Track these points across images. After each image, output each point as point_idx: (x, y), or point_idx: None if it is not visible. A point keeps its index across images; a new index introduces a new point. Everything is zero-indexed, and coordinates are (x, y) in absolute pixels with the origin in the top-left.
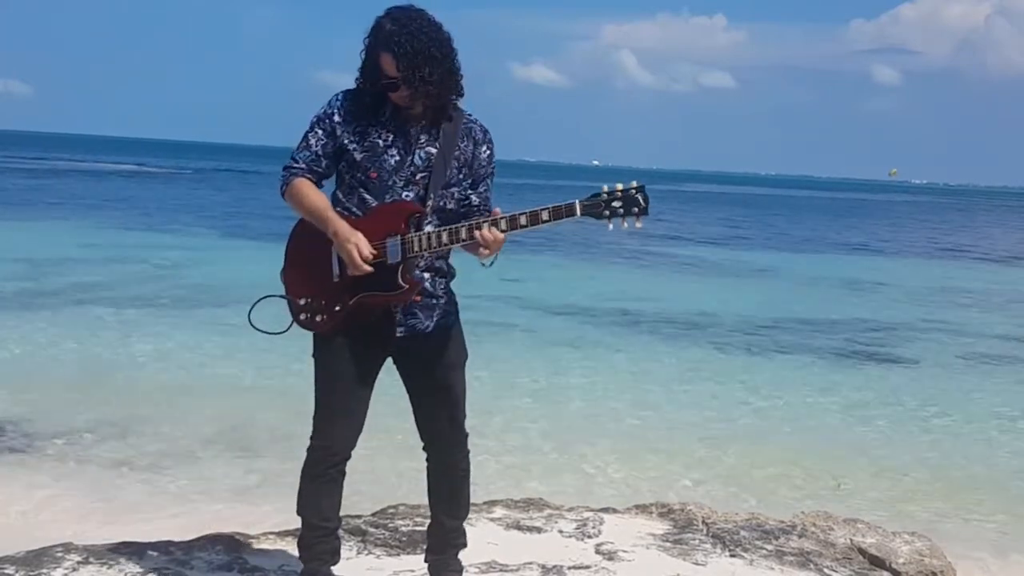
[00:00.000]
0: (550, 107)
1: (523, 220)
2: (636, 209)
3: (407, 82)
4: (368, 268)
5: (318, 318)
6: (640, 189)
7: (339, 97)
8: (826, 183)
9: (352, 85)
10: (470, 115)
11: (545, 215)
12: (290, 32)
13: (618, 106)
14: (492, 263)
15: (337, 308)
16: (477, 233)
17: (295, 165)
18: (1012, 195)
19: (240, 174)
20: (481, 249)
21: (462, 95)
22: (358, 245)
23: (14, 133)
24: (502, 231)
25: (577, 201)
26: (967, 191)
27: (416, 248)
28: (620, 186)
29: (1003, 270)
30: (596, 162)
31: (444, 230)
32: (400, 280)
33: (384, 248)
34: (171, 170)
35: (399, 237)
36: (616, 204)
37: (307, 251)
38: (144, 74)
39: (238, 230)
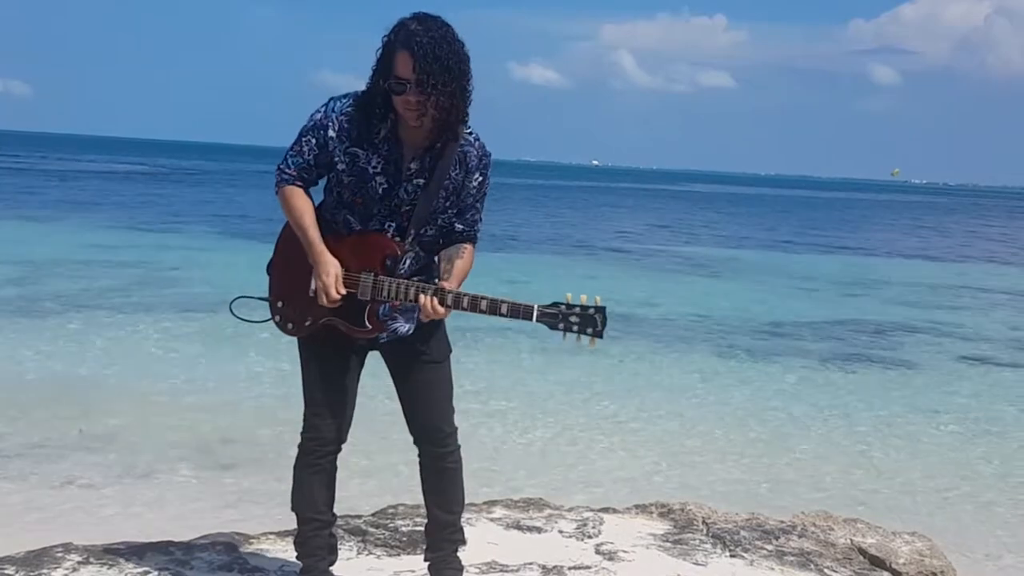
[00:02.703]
0: (549, 107)
1: (483, 305)
2: (591, 330)
3: (420, 84)
4: (335, 305)
5: (289, 325)
6: (600, 310)
7: (336, 108)
8: (826, 183)
9: (354, 86)
10: (471, 134)
11: (504, 308)
12: (290, 32)
13: (617, 106)
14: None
15: (307, 322)
16: (422, 297)
17: (287, 171)
18: (1012, 195)
19: (240, 174)
20: (420, 316)
21: (466, 121)
22: (327, 284)
23: (14, 133)
24: (462, 308)
25: (535, 307)
26: (967, 191)
27: (385, 293)
28: (584, 298)
29: (1000, 270)
30: (595, 162)
31: (414, 285)
32: (366, 320)
33: (357, 281)
34: (170, 170)
35: (372, 276)
36: (572, 319)
37: (293, 252)
38: (144, 74)
39: (236, 230)
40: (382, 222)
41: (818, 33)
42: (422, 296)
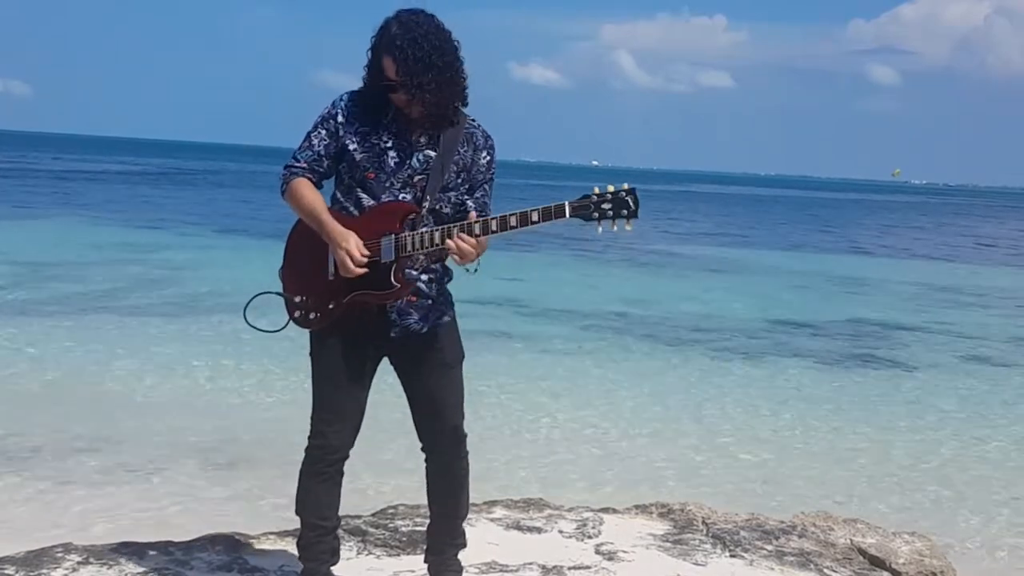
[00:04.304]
0: (549, 107)
1: (513, 221)
2: (625, 212)
3: (405, 87)
4: (359, 271)
5: (312, 316)
6: (630, 192)
7: (343, 98)
8: (826, 183)
9: (355, 85)
10: (473, 120)
11: (535, 216)
12: (290, 32)
13: (617, 106)
14: (476, 269)
15: (331, 306)
16: (449, 241)
17: (296, 164)
18: (1012, 195)
19: (240, 174)
20: (454, 256)
21: (466, 103)
22: (349, 251)
23: (14, 133)
24: (493, 231)
25: (567, 203)
26: (967, 191)
27: (409, 247)
28: (611, 188)
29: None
30: (595, 162)
31: (437, 229)
32: (392, 279)
33: (378, 247)
34: (170, 170)
35: (393, 236)
36: (605, 207)
37: (305, 249)
38: (144, 74)
39: (236, 231)
40: (396, 195)
41: (818, 33)
42: (448, 240)
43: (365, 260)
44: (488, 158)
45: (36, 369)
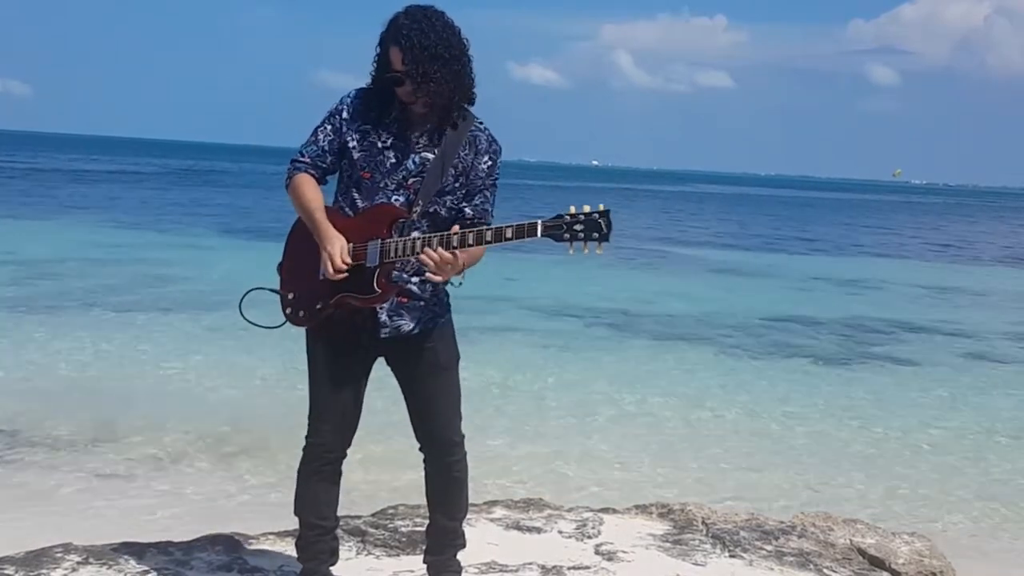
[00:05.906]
0: (549, 107)
1: (489, 236)
2: (596, 235)
3: (410, 77)
4: (340, 276)
5: (301, 314)
6: (604, 214)
7: (351, 94)
8: (826, 183)
9: (354, 85)
10: (480, 123)
11: (509, 232)
12: (290, 32)
13: (617, 106)
14: (460, 283)
15: (319, 307)
16: (422, 256)
17: (300, 159)
18: (1012, 195)
19: (240, 174)
20: (430, 273)
21: (472, 102)
22: (332, 254)
23: (14, 133)
24: (469, 245)
25: (539, 221)
26: (967, 191)
27: (393, 254)
28: (587, 208)
29: (1000, 270)
30: (595, 162)
31: (420, 239)
32: (375, 284)
33: (365, 251)
34: (171, 170)
35: (379, 241)
36: (577, 228)
37: (302, 247)
38: (144, 74)
39: (238, 229)
40: (389, 196)
41: (818, 33)
42: (421, 255)
43: (345, 266)
44: (489, 163)
45: (34, 369)
